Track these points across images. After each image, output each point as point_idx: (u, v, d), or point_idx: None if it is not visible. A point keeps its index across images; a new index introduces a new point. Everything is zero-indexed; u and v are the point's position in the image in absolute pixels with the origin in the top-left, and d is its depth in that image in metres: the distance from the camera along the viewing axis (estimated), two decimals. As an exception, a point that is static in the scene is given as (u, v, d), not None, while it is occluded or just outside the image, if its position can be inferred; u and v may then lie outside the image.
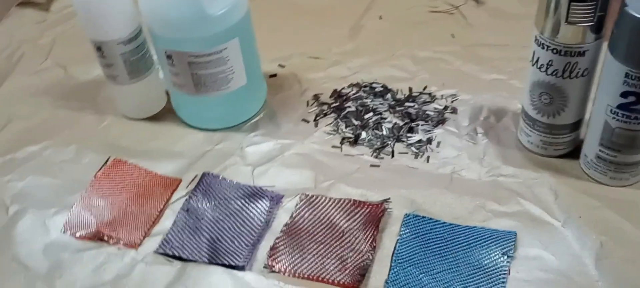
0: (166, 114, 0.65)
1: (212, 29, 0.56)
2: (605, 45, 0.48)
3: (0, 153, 0.62)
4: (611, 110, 0.48)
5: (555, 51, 0.50)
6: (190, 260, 0.50)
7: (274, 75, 0.70)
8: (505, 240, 0.48)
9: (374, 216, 0.51)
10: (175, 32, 0.57)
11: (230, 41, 0.57)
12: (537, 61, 0.51)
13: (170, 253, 0.50)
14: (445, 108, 0.62)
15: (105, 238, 0.52)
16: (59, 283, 0.49)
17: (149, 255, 0.51)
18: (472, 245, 0.48)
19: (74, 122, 0.66)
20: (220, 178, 0.57)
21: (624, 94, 0.47)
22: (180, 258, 0.50)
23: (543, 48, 0.50)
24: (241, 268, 0.49)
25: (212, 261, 0.49)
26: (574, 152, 0.55)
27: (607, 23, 0.48)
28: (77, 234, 0.53)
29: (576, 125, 0.54)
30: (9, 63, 0.76)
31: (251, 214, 0.53)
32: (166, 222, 0.53)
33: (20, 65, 0.76)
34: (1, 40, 0.80)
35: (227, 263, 0.49)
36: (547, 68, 0.51)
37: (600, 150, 0.51)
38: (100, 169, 0.59)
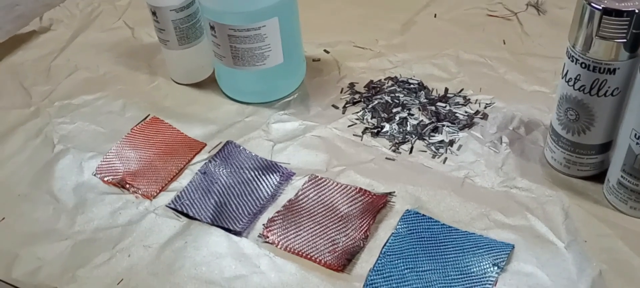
0: (210, 83, 0.69)
1: (252, 6, 0.59)
2: (639, 66, 0.45)
3: (61, 97, 0.69)
4: (636, 135, 0.45)
5: (584, 65, 0.47)
6: (196, 219, 0.53)
7: (318, 60, 0.71)
8: (499, 251, 0.47)
9: (374, 206, 0.52)
10: (219, 5, 0.59)
11: (269, 19, 0.60)
12: (566, 74, 0.49)
13: (179, 209, 0.54)
14: (476, 113, 0.61)
15: (127, 186, 0.56)
16: (79, 218, 0.54)
17: (160, 207, 0.54)
18: (464, 250, 0.48)
19: (128, 79, 0.71)
20: (241, 148, 0.59)
21: (649, 120, 0.44)
22: (187, 215, 0.53)
23: (572, 61, 0.48)
24: (238, 233, 0.51)
25: (214, 223, 0.52)
26: (600, 176, 0.52)
27: (643, 42, 0.45)
28: (105, 179, 0.57)
29: (604, 148, 0.51)
30: (88, 19, 0.83)
31: (260, 186, 0.55)
32: (183, 180, 0.57)
33: (97, 21, 0.83)
34: (87, -3, 0.88)
35: (226, 226, 0.52)
36: (574, 82, 0.48)
37: (621, 176, 0.48)
38: (138, 124, 0.63)
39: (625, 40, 0.45)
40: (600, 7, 0.44)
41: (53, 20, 0.82)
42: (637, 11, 0.43)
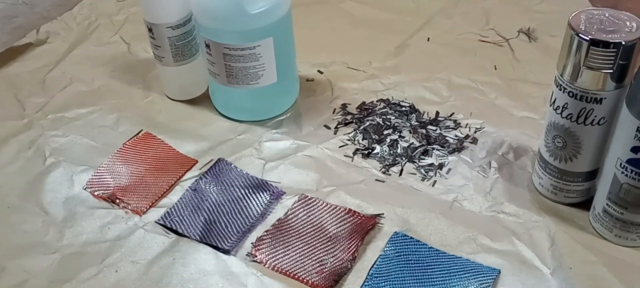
0: (203, 99, 0.69)
1: (247, 25, 0.59)
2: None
3: (54, 110, 0.69)
4: (621, 164, 0.46)
5: (571, 94, 0.48)
6: (185, 236, 0.53)
7: (311, 80, 0.72)
8: (486, 276, 0.47)
9: (362, 227, 0.52)
10: (215, 23, 0.60)
11: (264, 39, 0.60)
12: (554, 102, 0.50)
13: (169, 225, 0.54)
14: (466, 137, 0.61)
15: (117, 201, 0.57)
16: (68, 232, 0.54)
17: (149, 223, 0.54)
18: (451, 274, 0.48)
19: (122, 94, 0.71)
20: (232, 166, 0.59)
21: (634, 149, 0.45)
22: (176, 232, 0.53)
23: (560, 89, 0.49)
24: (226, 251, 0.51)
25: (203, 240, 0.52)
26: (587, 203, 0.53)
27: (629, 73, 0.46)
28: (96, 193, 0.58)
29: (590, 175, 0.52)
30: (85, 32, 0.84)
31: (250, 204, 0.55)
32: (173, 196, 0.57)
33: (93, 35, 0.83)
34: (84, 11, 0.88)
35: (215, 244, 0.52)
36: (562, 111, 0.49)
37: (607, 205, 0.49)
38: (130, 139, 0.64)
39: (611, 71, 0.45)
40: (587, 38, 0.45)
41: (50, 33, 0.83)
42: (623, 43, 0.44)
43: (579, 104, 0.48)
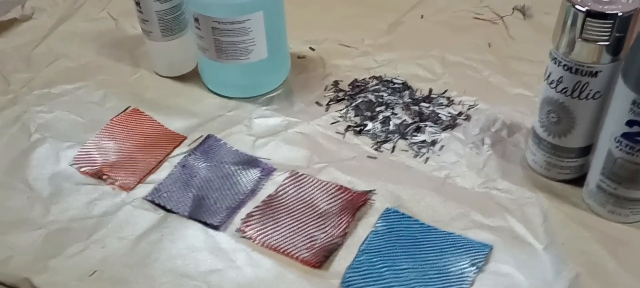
0: (193, 76, 0.68)
1: (237, -2, 0.58)
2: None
3: (40, 86, 0.68)
4: (615, 139, 0.45)
5: (566, 67, 0.47)
6: (173, 212, 0.52)
7: (303, 57, 0.71)
8: (478, 252, 0.47)
9: (353, 204, 0.51)
10: (203, -4, 0.59)
11: (254, 13, 0.59)
12: (549, 76, 0.49)
13: (157, 201, 0.53)
14: (459, 114, 0.60)
15: (104, 177, 0.55)
16: (54, 208, 0.53)
17: (137, 199, 0.53)
18: (443, 250, 0.47)
19: (110, 70, 0.70)
20: (221, 142, 0.58)
21: (629, 123, 0.44)
22: (164, 208, 0.52)
23: (555, 63, 0.48)
24: (216, 227, 0.50)
25: (192, 216, 0.51)
26: (580, 180, 0.52)
27: (625, 46, 0.45)
28: (82, 169, 0.56)
29: (584, 151, 0.51)
30: (72, 8, 0.82)
31: (240, 180, 0.54)
32: (162, 173, 0.56)
33: (80, 11, 0.82)
34: (71, -13, 0.87)
35: (204, 220, 0.51)
36: (557, 85, 0.48)
37: (601, 180, 0.48)
38: (117, 115, 0.62)
39: (608, 43, 0.45)
40: (584, 9, 0.44)
41: (35, 9, 0.81)
42: (620, 14, 0.43)
43: (574, 78, 0.47)
